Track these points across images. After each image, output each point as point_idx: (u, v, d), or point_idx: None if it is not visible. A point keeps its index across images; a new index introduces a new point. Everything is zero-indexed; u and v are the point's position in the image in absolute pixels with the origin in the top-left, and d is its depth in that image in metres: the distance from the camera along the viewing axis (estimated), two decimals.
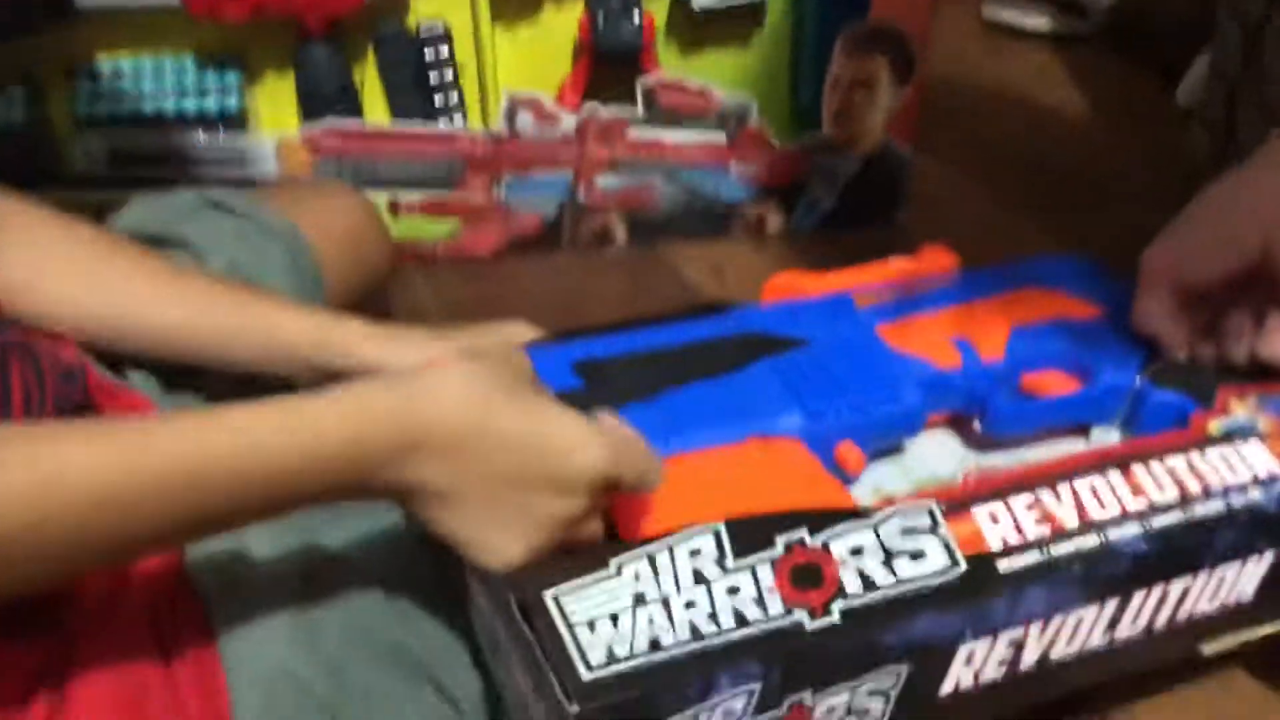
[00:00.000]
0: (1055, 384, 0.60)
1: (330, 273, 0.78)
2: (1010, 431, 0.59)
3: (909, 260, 0.66)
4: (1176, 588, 0.52)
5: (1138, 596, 0.51)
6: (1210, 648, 0.56)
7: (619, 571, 0.45)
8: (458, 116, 1.03)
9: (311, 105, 1.00)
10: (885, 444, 0.58)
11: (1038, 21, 1.49)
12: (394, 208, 1.02)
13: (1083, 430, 0.61)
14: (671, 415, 0.54)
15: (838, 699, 0.46)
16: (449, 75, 1.01)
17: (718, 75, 1.02)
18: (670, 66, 1.03)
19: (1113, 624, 0.52)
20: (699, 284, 1.04)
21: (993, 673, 0.50)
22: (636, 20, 0.98)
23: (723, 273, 1.06)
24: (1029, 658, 0.50)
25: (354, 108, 1.01)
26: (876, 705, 0.48)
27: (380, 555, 0.55)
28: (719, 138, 1.02)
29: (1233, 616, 0.55)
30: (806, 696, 0.46)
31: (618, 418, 0.49)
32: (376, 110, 1.03)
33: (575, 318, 1.03)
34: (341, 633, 0.51)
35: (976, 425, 0.60)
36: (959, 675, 0.49)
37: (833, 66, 1.00)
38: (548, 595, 0.44)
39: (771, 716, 0.45)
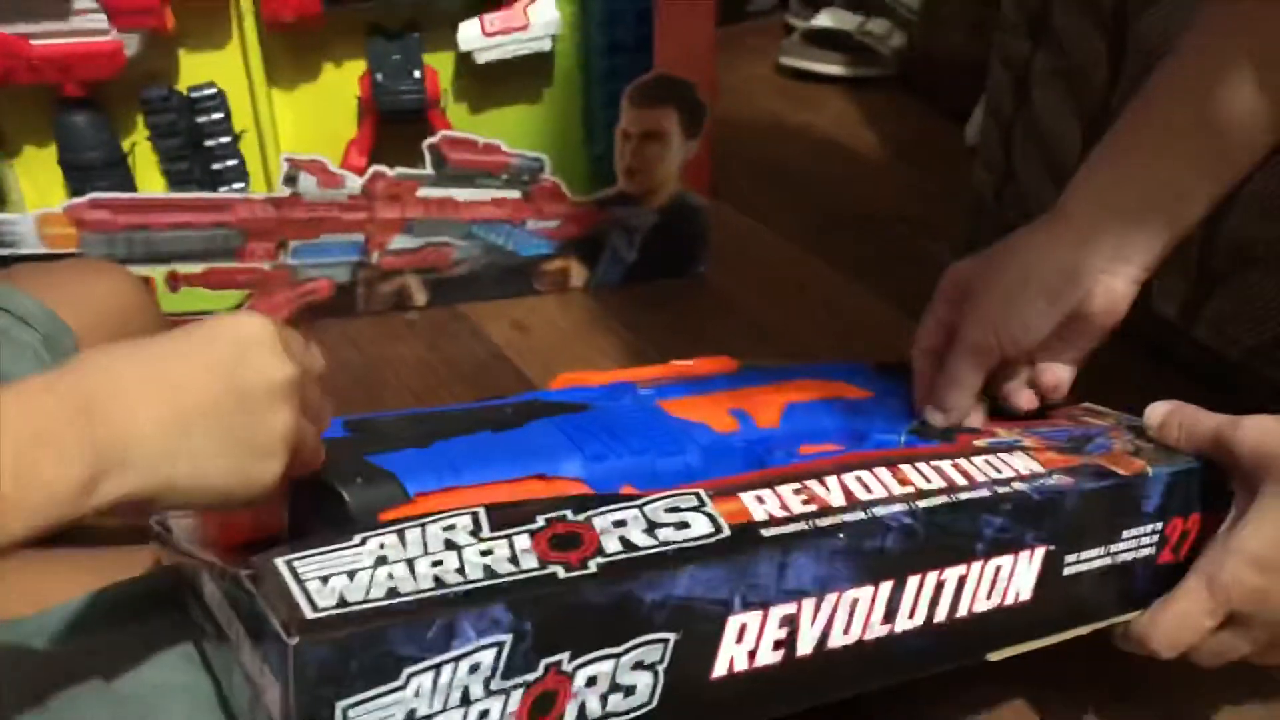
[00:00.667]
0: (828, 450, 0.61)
1: None
2: None
3: (690, 362, 0.68)
4: (951, 576, 0.52)
5: (912, 582, 0.51)
6: (995, 655, 0.55)
7: (363, 542, 0.42)
8: (239, 183, 0.99)
9: (76, 177, 0.94)
10: None
11: (832, 67, 1.53)
12: (173, 280, 0.97)
13: None
14: (448, 458, 0.51)
15: (599, 668, 0.43)
16: (225, 140, 0.97)
17: (510, 131, 1.00)
18: (461, 124, 1.01)
19: (890, 613, 0.51)
20: (503, 343, 1.02)
21: (768, 656, 0.47)
22: (418, 77, 0.96)
23: (527, 330, 1.04)
24: (806, 642, 0.48)
25: (124, 177, 0.96)
26: (644, 681, 0.45)
27: (137, 659, 0.51)
28: (513, 194, 1.01)
29: (1013, 620, 0.55)
30: (564, 660, 0.42)
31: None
32: (152, 180, 0.98)
33: (375, 383, 1.01)
34: None
35: None
36: (731, 654, 0.46)
37: (621, 120, 1.00)
38: (279, 560, 0.41)
39: (526, 681, 0.42)
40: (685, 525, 0.46)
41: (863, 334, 1.03)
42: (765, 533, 0.47)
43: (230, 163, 0.98)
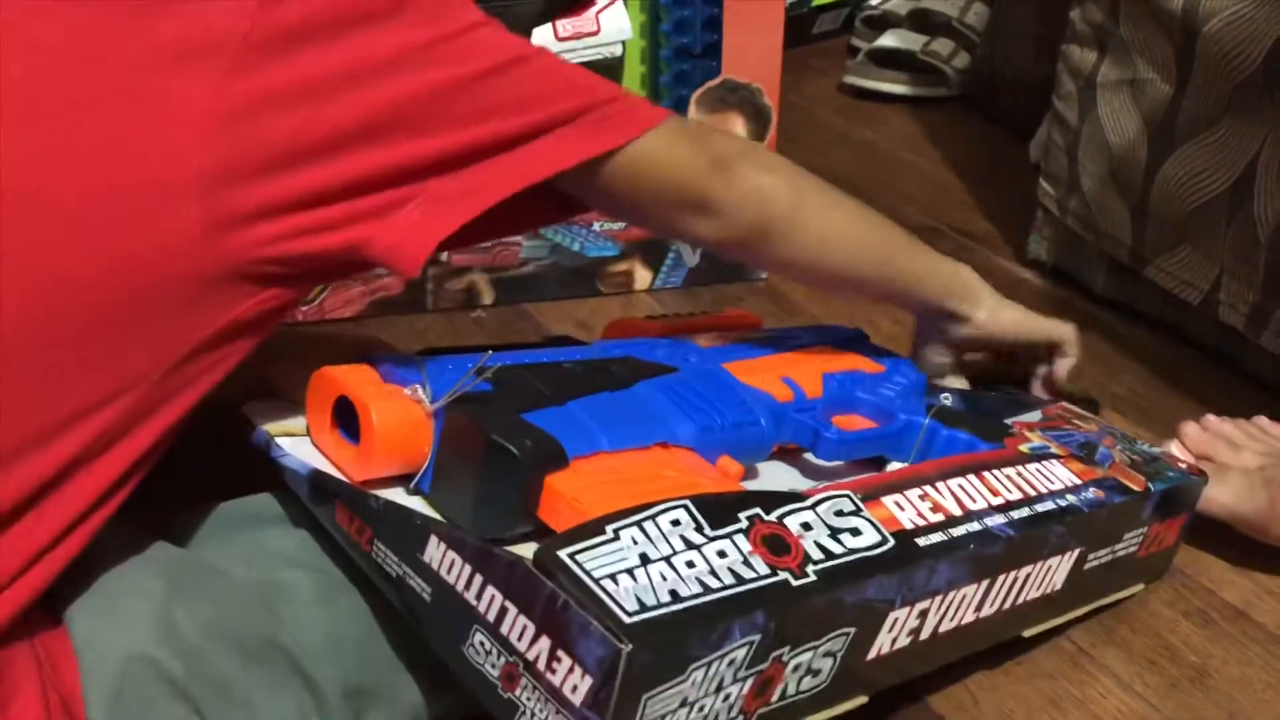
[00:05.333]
0: (861, 424, 0.70)
1: None
2: (835, 458, 0.67)
3: (722, 317, 0.78)
4: (1022, 574, 0.62)
5: (1000, 579, 0.61)
6: (1029, 631, 0.67)
7: (616, 536, 0.48)
8: None
9: None
10: (747, 463, 0.63)
11: (896, 86, 1.54)
12: None
13: (879, 465, 0.69)
14: (585, 422, 0.57)
15: (803, 658, 0.52)
16: None
17: None
18: None
19: (980, 604, 0.61)
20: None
21: (902, 641, 0.57)
22: None
23: (591, 330, 1.05)
24: (927, 629, 0.58)
25: None
26: (826, 665, 0.53)
27: (250, 562, 0.56)
28: None
29: (1045, 605, 0.66)
30: (785, 653, 0.50)
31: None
32: None
33: None
34: (204, 625, 0.52)
35: (809, 455, 0.67)
36: (882, 641, 0.56)
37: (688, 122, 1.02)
38: (563, 554, 0.46)
39: (759, 670, 0.50)
40: (858, 532, 0.55)
41: None
42: (920, 542, 0.56)
43: None
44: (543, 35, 0.99)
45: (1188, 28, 0.89)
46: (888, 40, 1.58)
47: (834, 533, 0.54)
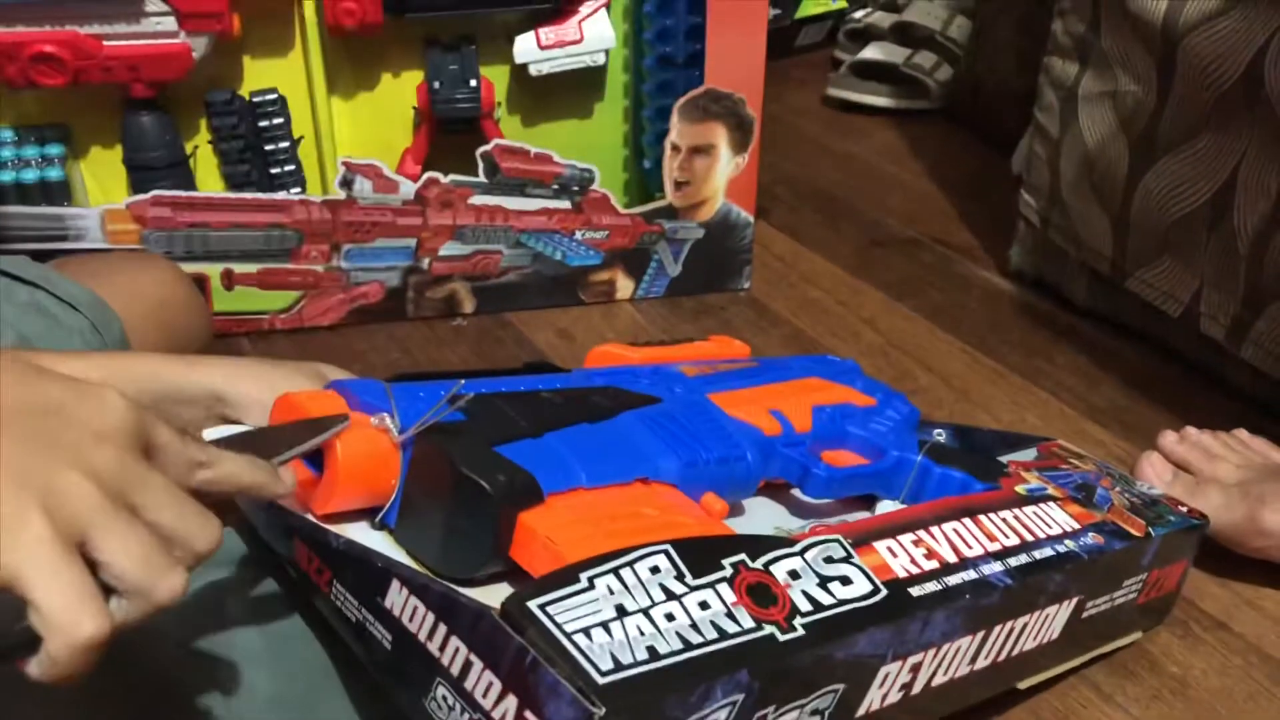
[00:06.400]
0: (851, 460, 0.67)
1: (140, 345, 0.75)
2: (824, 496, 0.64)
3: (708, 345, 0.75)
4: (1019, 624, 0.59)
5: (996, 630, 0.58)
6: (1024, 683, 0.65)
7: (591, 585, 0.45)
8: (296, 187, 1.01)
9: (139, 176, 0.97)
10: (732, 500, 0.61)
11: (879, 98, 1.55)
12: (228, 279, 0.99)
13: (869, 503, 0.67)
14: (563, 456, 0.54)
15: (789, 718, 0.49)
16: (284, 144, 0.99)
17: (561, 143, 1.02)
18: (514, 135, 1.03)
19: (974, 656, 0.58)
20: (548, 351, 1.03)
21: (893, 697, 0.54)
22: (474, 86, 0.98)
23: (572, 339, 1.05)
24: (919, 684, 0.55)
25: (186, 178, 0.98)
26: None
27: (185, 621, 0.52)
28: (563, 204, 1.02)
29: (1042, 655, 0.63)
30: (770, 713, 0.47)
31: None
32: (212, 182, 1.01)
33: None
34: None
35: (796, 491, 0.64)
36: (873, 697, 0.53)
37: (671, 133, 1.01)
38: (533, 605, 0.43)
39: None
40: (848, 580, 0.52)
41: (903, 351, 1.04)
42: (913, 592, 0.53)
43: (288, 167, 1.00)
44: (525, 43, 0.98)
45: (1168, 40, 0.90)
46: (871, 53, 1.58)
47: (823, 581, 0.51)
